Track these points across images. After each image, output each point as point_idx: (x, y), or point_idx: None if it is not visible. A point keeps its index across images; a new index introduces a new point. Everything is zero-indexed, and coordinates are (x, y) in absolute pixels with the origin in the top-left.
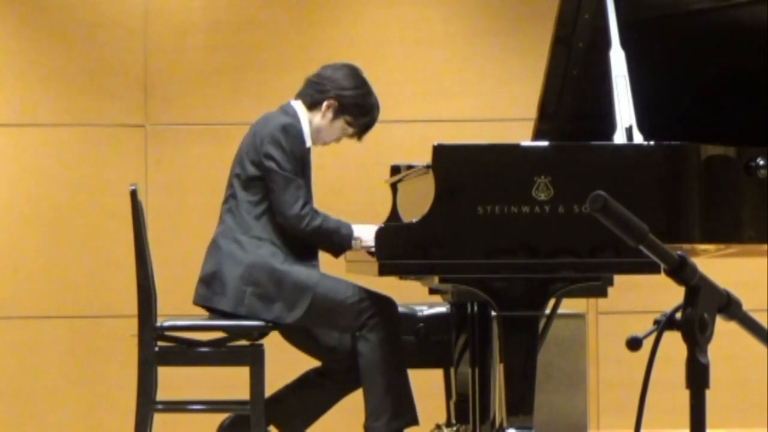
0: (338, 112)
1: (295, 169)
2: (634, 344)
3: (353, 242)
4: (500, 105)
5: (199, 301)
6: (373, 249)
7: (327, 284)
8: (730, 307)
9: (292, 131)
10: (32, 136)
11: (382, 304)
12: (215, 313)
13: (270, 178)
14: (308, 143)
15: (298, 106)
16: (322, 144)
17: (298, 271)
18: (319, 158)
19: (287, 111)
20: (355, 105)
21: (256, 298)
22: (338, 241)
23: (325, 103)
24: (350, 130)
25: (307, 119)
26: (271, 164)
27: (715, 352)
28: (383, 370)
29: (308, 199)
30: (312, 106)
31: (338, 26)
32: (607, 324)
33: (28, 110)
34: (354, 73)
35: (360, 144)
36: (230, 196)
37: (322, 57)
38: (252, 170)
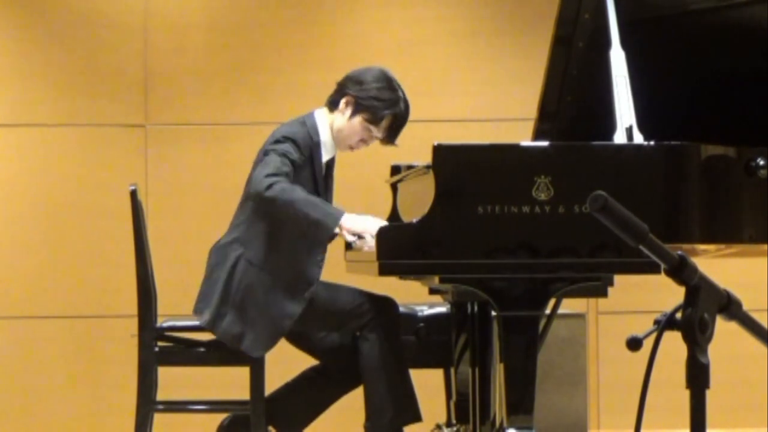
0: (355, 109)
1: (280, 161)
2: (634, 344)
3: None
4: (500, 105)
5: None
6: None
7: (325, 296)
8: (730, 307)
9: (278, 143)
10: (32, 136)
11: (382, 304)
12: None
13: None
14: (325, 156)
15: (321, 114)
16: (349, 149)
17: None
18: None
19: (304, 121)
20: (371, 98)
21: (236, 324)
22: (315, 216)
23: (342, 101)
24: (374, 129)
25: (328, 124)
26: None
27: (715, 352)
28: (384, 370)
29: (283, 172)
30: (332, 106)
31: (338, 26)
32: (607, 324)
33: (28, 110)
34: (376, 70)
35: None
36: (243, 213)
37: (322, 57)
38: None
